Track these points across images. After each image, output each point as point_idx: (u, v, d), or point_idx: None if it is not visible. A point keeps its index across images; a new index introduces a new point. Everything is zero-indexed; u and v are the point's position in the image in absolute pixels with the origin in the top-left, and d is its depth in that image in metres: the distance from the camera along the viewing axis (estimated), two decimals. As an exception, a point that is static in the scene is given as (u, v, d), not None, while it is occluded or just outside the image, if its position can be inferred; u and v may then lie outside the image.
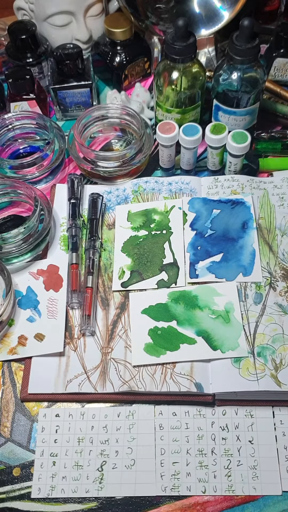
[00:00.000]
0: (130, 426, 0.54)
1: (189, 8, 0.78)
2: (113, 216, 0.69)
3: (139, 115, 0.72)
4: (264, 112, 0.75)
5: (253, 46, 0.63)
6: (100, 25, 0.82)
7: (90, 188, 0.71)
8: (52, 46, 0.82)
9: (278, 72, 0.80)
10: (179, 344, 0.57)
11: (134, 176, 0.72)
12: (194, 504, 0.50)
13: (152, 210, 0.68)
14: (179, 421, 0.54)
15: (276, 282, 0.61)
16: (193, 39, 0.64)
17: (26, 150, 0.76)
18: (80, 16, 0.80)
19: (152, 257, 0.64)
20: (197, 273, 0.62)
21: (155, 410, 0.55)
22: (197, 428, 0.54)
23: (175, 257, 0.64)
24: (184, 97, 0.69)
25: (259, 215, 0.67)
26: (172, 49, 0.65)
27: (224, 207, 0.67)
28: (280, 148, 0.72)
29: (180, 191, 0.70)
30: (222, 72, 0.67)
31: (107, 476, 0.51)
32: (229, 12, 0.76)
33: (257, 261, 0.62)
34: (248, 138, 0.66)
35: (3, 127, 0.74)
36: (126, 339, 0.58)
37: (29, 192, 0.66)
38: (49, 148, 0.70)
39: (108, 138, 0.78)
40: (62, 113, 0.81)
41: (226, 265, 0.62)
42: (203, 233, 0.65)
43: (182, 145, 0.68)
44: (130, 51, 0.80)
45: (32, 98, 0.76)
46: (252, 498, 0.50)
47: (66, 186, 0.71)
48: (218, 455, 0.52)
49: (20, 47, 0.79)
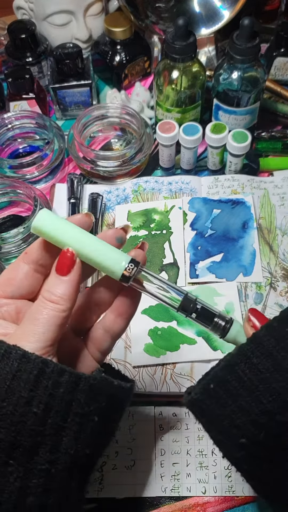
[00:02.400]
0: (130, 427, 0.54)
1: (189, 7, 0.78)
2: (113, 216, 0.68)
3: (139, 114, 0.72)
4: (265, 112, 0.75)
5: (254, 46, 0.63)
6: (100, 24, 0.82)
7: (89, 187, 0.71)
8: (51, 45, 0.82)
9: (278, 72, 0.80)
10: (179, 344, 0.57)
11: (134, 175, 0.72)
12: (194, 505, 0.50)
13: (152, 210, 0.68)
14: (179, 422, 0.54)
15: (277, 282, 0.61)
16: (193, 38, 0.64)
17: (26, 149, 0.76)
18: (80, 15, 0.80)
19: (152, 257, 0.64)
20: (197, 273, 0.62)
21: (155, 411, 0.55)
22: (197, 428, 0.53)
23: (175, 257, 0.64)
24: (184, 96, 0.69)
25: (259, 215, 0.67)
26: (172, 48, 0.64)
27: (225, 207, 0.67)
28: (281, 147, 0.72)
29: (180, 191, 0.69)
30: (222, 72, 0.67)
31: (107, 477, 0.51)
32: (229, 11, 0.76)
33: (258, 261, 0.62)
34: (249, 137, 0.66)
35: (3, 127, 0.73)
36: (126, 339, 0.58)
37: (29, 191, 0.66)
38: (48, 148, 0.70)
39: (108, 137, 0.77)
40: (61, 113, 0.80)
41: (226, 265, 0.62)
42: (203, 233, 0.65)
43: (182, 145, 0.68)
44: (130, 51, 0.80)
45: (31, 97, 0.76)
46: (252, 498, 0.50)
47: (65, 185, 0.71)
48: (218, 456, 0.52)
49: (20, 47, 0.79)
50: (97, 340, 0.38)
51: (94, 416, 0.33)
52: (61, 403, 0.31)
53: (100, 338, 0.38)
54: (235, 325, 0.36)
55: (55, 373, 0.31)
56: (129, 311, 0.38)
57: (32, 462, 0.30)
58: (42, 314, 0.33)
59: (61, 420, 0.31)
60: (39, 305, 0.33)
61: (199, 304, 0.36)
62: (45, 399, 0.31)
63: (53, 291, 0.33)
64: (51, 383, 0.31)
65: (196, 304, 0.36)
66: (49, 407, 0.31)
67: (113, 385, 0.35)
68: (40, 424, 0.30)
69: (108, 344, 0.38)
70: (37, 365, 0.31)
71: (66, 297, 0.33)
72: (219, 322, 0.36)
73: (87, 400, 0.32)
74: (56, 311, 0.33)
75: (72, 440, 0.32)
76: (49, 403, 0.31)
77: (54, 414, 0.31)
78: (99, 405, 0.33)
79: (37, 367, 0.31)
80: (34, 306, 0.34)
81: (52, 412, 0.31)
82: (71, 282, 0.34)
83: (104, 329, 0.38)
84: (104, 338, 0.38)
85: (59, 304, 0.33)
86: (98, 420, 0.33)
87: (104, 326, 0.38)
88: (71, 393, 0.32)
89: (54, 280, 0.34)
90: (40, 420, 0.30)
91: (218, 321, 0.36)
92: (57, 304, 0.33)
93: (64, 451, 0.31)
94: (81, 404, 0.32)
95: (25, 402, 0.30)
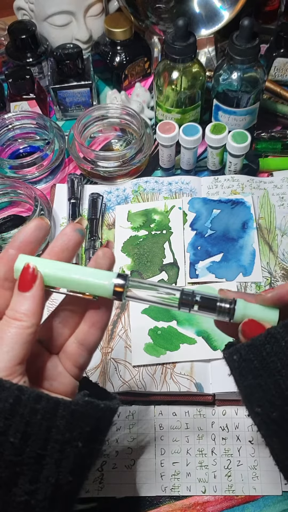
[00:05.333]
0: (130, 426, 0.54)
1: (189, 8, 0.78)
2: (113, 216, 0.69)
3: (139, 115, 0.72)
4: (264, 112, 0.75)
5: (253, 46, 0.63)
6: (100, 25, 0.82)
7: (90, 188, 0.71)
8: (52, 46, 0.82)
9: (278, 72, 0.80)
10: (179, 344, 0.57)
11: (134, 176, 0.72)
12: (194, 504, 0.50)
13: (152, 210, 0.68)
14: (179, 421, 0.54)
15: (276, 282, 0.61)
16: (193, 39, 0.64)
17: (26, 150, 0.76)
18: (80, 16, 0.80)
19: (152, 257, 0.64)
20: (197, 273, 0.62)
21: (155, 410, 0.55)
22: (197, 428, 0.53)
23: (175, 257, 0.64)
24: (184, 97, 0.69)
25: (259, 215, 0.67)
26: (172, 49, 0.65)
27: (224, 207, 0.67)
28: (280, 148, 0.72)
29: (180, 191, 0.70)
30: (222, 72, 0.67)
31: (107, 476, 0.51)
32: (229, 12, 0.76)
33: (257, 261, 0.62)
34: (248, 138, 0.66)
35: (3, 127, 0.74)
36: (126, 339, 0.58)
37: (29, 192, 0.66)
38: (49, 148, 0.70)
39: (108, 138, 0.78)
40: (62, 113, 0.81)
41: (226, 265, 0.62)
42: (203, 233, 0.65)
43: (182, 145, 0.68)
44: (130, 51, 0.80)
45: (32, 98, 0.76)
46: (252, 498, 0.50)
47: (66, 186, 0.71)
48: (218, 455, 0.52)
49: (20, 47, 0.79)
50: (72, 355, 0.36)
51: (78, 441, 0.31)
52: (39, 430, 0.30)
53: (75, 353, 0.36)
54: (239, 303, 0.35)
55: (32, 399, 0.30)
56: (103, 320, 0.36)
57: (10, 495, 0.29)
58: (6, 333, 0.32)
59: (40, 448, 0.30)
60: (3, 324, 0.32)
61: (197, 296, 0.35)
62: (22, 427, 0.29)
63: (17, 308, 0.32)
64: (28, 411, 0.30)
65: (195, 296, 0.35)
66: (27, 436, 0.29)
67: (99, 408, 0.33)
68: (18, 453, 0.29)
69: (85, 359, 0.37)
70: (12, 393, 0.30)
71: (29, 313, 0.32)
72: (223, 306, 0.35)
73: (68, 426, 0.31)
74: (20, 329, 0.32)
75: (53, 468, 0.30)
76: (26, 432, 0.29)
77: (32, 442, 0.30)
78: (82, 430, 0.32)
79: (13, 394, 0.30)
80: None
81: (30, 441, 0.29)
82: (34, 298, 0.33)
83: (79, 342, 0.36)
84: (79, 352, 0.36)
85: (23, 321, 0.32)
86: (82, 445, 0.32)
87: (78, 339, 0.36)
88: (50, 419, 0.30)
89: (16, 298, 0.33)
90: (17, 450, 0.29)
91: (222, 305, 0.35)
92: (21, 321, 0.32)
93: (44, 480, 0.30)
94: (61, 431, 0.30)
95: (1, 432, 0.29)
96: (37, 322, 0.33)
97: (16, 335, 0.32)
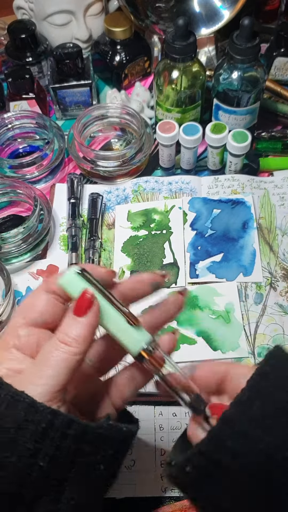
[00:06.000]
0: (130, 427, 0.54)
1: (189, 7, 0.78)
2: (113, 216, 0.68)
3: (139, 114, 0.72)
4: (265, 112, 0.75)
5: (254, 45, 0.63)
6: (100, 24, 0.82)
7: (90, 187, 0.71)
8: (51, 45, 0.82)
9: (278, 72, 0.80)
10: (179, 344, 0.57)
11: (134, 175, 0.72)
12: (194, 505, 0.50)
13: (152, 210, 0.68)
14: (179, 422, 0.54)
15: (277, 282, 0.61)
16: (193, 38, 0.64)
17: (26, 149, 0.76)
18: (80, 15, 0.80)
19: (152, 257, 0.64)
20: (197, 273, 0.62)
21: (155, 411, 0.55)
22: (197, 428, 0.53)
23: (175, 257, 0.64)
24: (184, 96, 0.69)
25: (259, 214, 0.67)
26: (172, 48, 0.64)
27: (225, 206, 0.67)
28: (281, 147, 0.72)
29: (180, 191, 0.69)
30: (222, 72, 0.67)
31: (107, 477, 0.51)
32: (230, 11, 0.76)
33: (258, 261, 0.62)
34: (249, 137, 0.65)
35: (3, 127, 0.73)
36: (126, 339, 0.58)
37: (29, 191, 0.66)
38: (48, 148, 0.70)
39: (108, 137, 0.77)
40: (61, 113, 0.80)
41: (226, 265, 0.62)
42: (203, 233, 0.65)
43: (182, 145, 0.68)
44: (130, 50, 0.80)
45: (31, 97, 0.76)
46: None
47: (65, 185, 0.71)
48: (218, 456, 0.52)
49: (20, 47, 0.79)
50: (120, 385, 0.37)
51: (100, 464, 0.31)
52: (67, 454, 0.30)
53: (124, 384, 0.37)
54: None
55: (64, 425, 0.30)
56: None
57: None
58: (53, 355, 0.31)
59: (66, 471, 0.30)
60: (51, 345, 0.32)
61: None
62: (51, 451, 0.29)
63: (68, 332, 0.32)
64: (59, 435, 0.30)
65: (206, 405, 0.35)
66: (55, 459, 0.30)
67: (122, 431, 0.33)
68: (45, 476, 0.29)
69: (131, 393, 0.37)
70: (45, 417, 0.29)
71: (80, 339, 0.32)
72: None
73: (93, 449, 0.31)
74: (68, 354, 0.31)
75: (74, 490, 0.30)
76: (55, 456, 0.29)
77: (59, 465, 0.30)
78: (106, 453, 0.32)
79: (46, 419, 0.29)
80: (47, 345, 0.32)
81: (57, 464, 0.30)
82: (87, 324, 0.32)
83: (131, 376, 0.37)
84: (128, 385, 0.37)
85: (72, 347, 0.31)
86: (104, 467, 0.32)
87: (131, 373, 0.37)
88: (77, 443, 0.30)
89: (69, 321, 0.32)
90: (44, 473, 0.29)
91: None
92: (70, 347, 0.31)
93: (65, 501, 0.30)
94: (86, 454, 0.31)
95: (31, 455, 0.29)
96: (85, 350, 0.32)
97: (62, 360, 0.31)
